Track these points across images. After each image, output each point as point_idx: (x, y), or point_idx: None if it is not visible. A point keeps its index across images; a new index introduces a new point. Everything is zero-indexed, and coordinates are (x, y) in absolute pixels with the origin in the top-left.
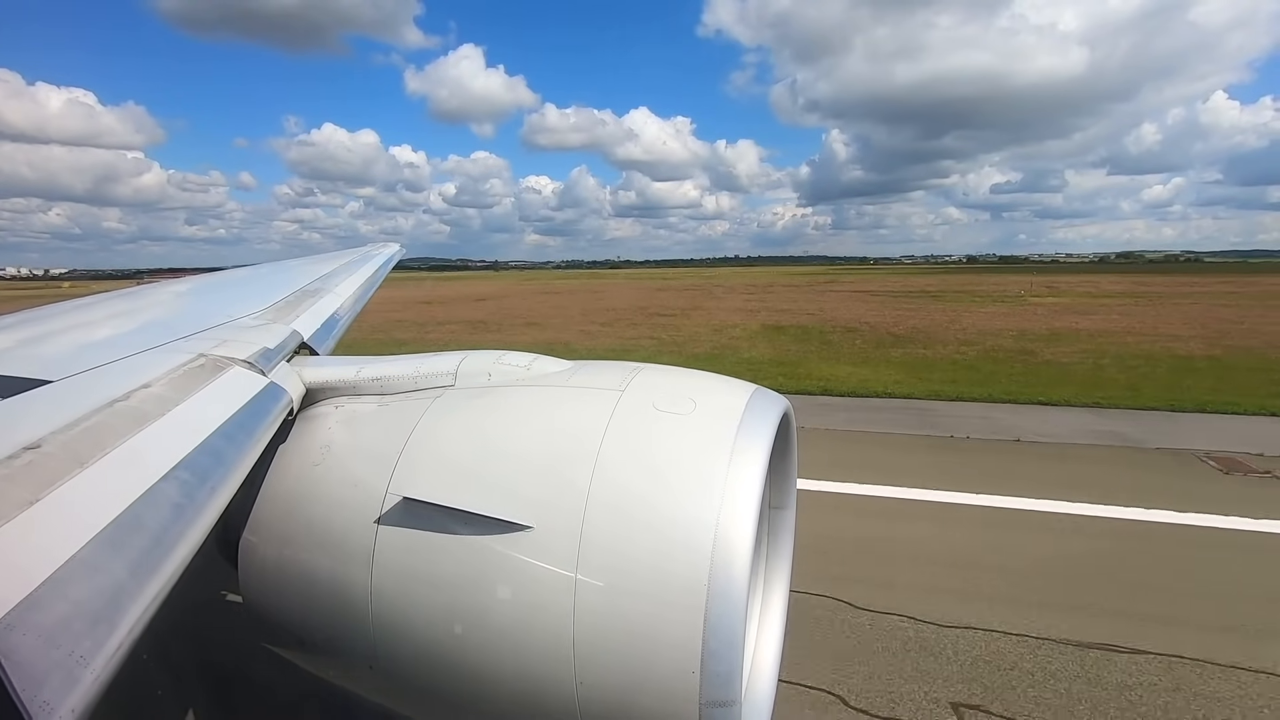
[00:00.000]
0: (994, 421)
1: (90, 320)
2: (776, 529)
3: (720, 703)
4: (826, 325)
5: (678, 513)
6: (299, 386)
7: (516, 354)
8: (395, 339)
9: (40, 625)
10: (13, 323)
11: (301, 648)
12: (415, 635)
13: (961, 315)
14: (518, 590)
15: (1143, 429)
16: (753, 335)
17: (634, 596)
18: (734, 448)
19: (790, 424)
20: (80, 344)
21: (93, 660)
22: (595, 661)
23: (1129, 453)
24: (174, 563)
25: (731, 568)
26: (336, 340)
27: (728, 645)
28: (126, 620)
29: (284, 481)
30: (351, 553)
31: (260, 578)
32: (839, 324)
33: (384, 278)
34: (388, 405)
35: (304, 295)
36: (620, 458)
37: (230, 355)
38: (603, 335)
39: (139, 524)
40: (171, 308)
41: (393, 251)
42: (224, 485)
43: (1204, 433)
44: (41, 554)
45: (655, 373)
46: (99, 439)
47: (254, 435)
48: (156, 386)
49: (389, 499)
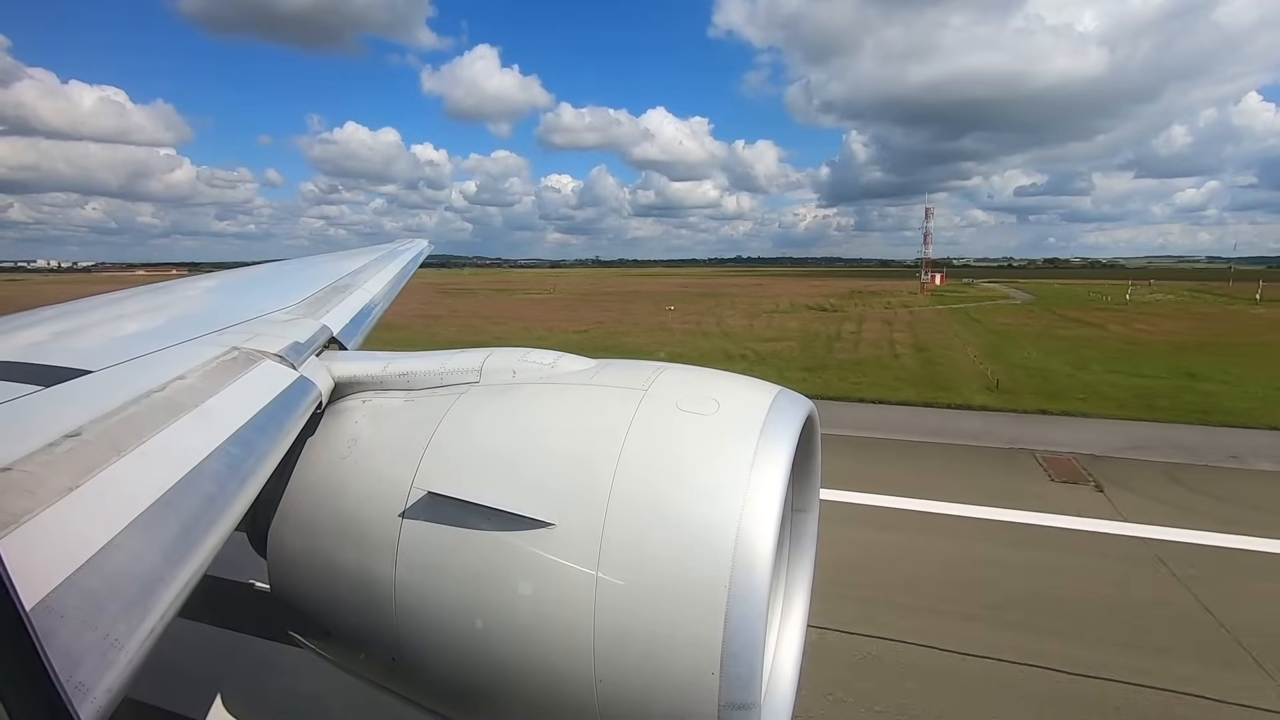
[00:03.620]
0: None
1: (128, 313)
2: (799, 532)
3: (739, 705)
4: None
5: (700, 513)
6: (328, 380)
7: (541, 351)
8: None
9: (77, 608)
10: (54, 314)
11: (327, 637)
12: (438, 628)
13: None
14: (539, 587)
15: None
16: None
17: (655, 596)
18: (757, 449)
19: (814, 426)
20: (119, 336)
21: (127, 643)
22: (615, 659)
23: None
24: (205, 550)
25: (753, 569)
26: (365, 335)
27: (748, 647)
28: (159, 605)
29: (312, 473)
30: (377, 545)
31: (288, 567)
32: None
33: (412, 273)
34: (414, 401)
35: (334, 291)
36: (643, 457)
37: (262, 349)
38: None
39: (173, 512)
40: (205, 302)
41: (421, 247)
42: (254, 476)
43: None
44: (80, 539)
45: (679, 372)
46: (136, 428)
47: (284, 427)
48: (191, 378)
49: (414, 493)
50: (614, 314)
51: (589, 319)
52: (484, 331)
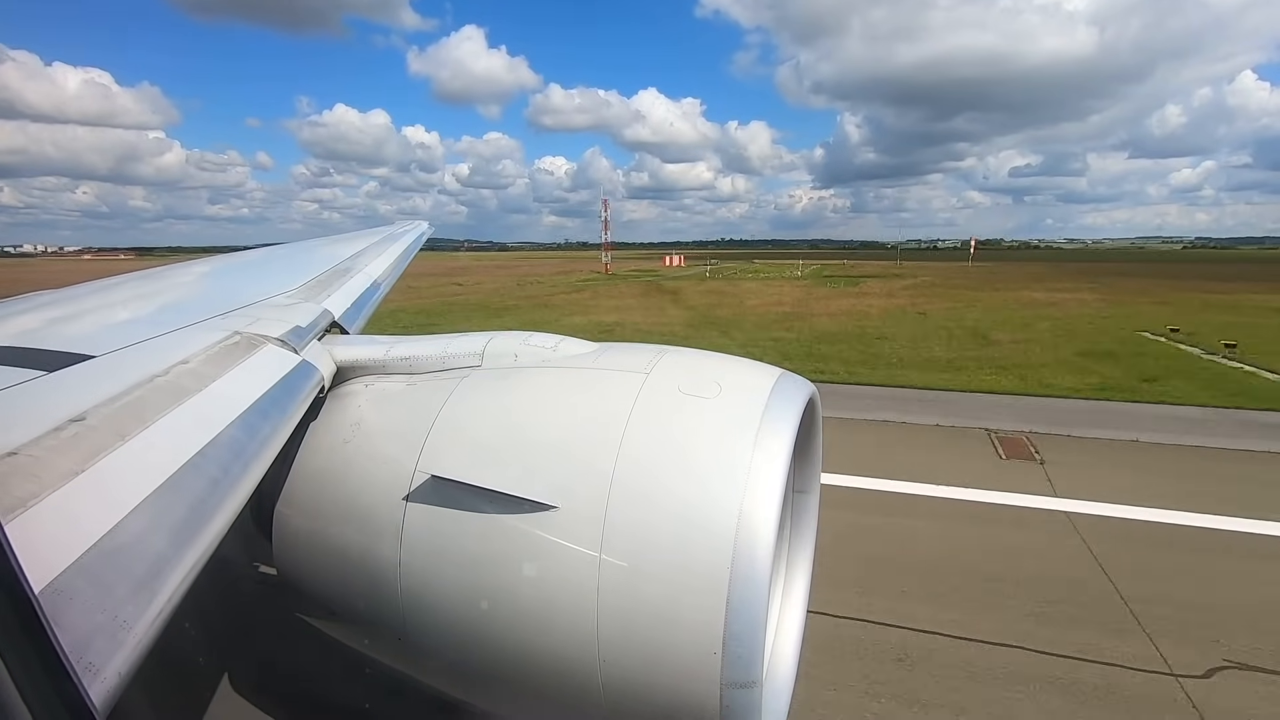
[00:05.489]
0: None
1: (129, 298)
2: (800, 514)
3: (741, 684)
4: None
5: (702, 495)
6: (330, 365)
7: (543, 335)
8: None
9: (86, 591)
10: (54, 299)
11: (333, 618)
12: (442, 609)
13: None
14: (542, 569)
15: None
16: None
17: (657, 577)
18: (759, 431)
19: (816, 409)
20: (120, 321)
21: (135, 625)
22: (618, 640)
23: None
24: (211, 533)
25: (754, 550)
26: (367, 319)
27: (750, 627)
28: (167, 588)
29: (316, 458)
30: (381, 528)
31: (293, 550)
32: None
33: (413, 256)
34: (416, 384)
35: (335, 274)
36: (645, 440)
37: (264, 333)
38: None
39: (178, 495)
40: (205, 286)
41: (421, 230)
42: (258, 460)
43: None
44: (86, 522)
45: (681, 355)
46: (140, 413)
47: (287, 412)
48: (194, 363)
49: (417, 476)
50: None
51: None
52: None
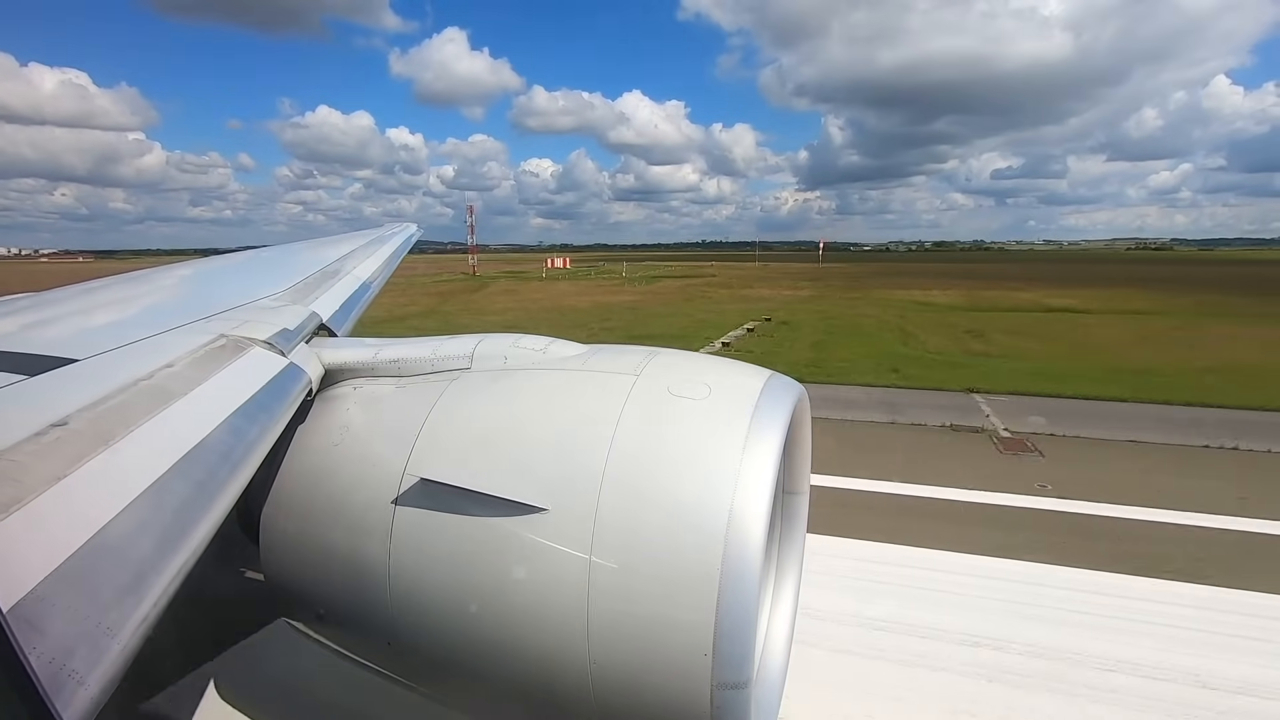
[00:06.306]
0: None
1: (112, 300)
2: (789, 514)
3: (732, 684)
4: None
5: (692, 496)
6: (318, 367)
7: (533, 337)
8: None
9: (69, 598)
10: (31, 303)
11: (321, 622)
12: (432, 613)
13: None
14: (532, 571)
15: None
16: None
17: (648, 579)
18: (748, 433)
19: (805, 410)
20: (104, 324)
21: (119, 632)
22: (608, 642)
23: None
24: (197, 538)
25: (745, 551)
26: (355, 321)
27: (741, 628)
28: (151, 594)
29: (304, 461)
30: (370, 531)
31: (281, 554)
32: None
33: (401, 259)
34: (405, 387)
35: (323, 277)
36: (635, 441)
37: (251, 336)
38: None
39: (163, 500)
40: (191, 288)
41: (410, 233)
42: (245, 464)
43: None
44: (69, 528)
45: (671, 357)
46: (125, 417)
47: (275, 415)
48: (179, 366)
49: (406, 480)
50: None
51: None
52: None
